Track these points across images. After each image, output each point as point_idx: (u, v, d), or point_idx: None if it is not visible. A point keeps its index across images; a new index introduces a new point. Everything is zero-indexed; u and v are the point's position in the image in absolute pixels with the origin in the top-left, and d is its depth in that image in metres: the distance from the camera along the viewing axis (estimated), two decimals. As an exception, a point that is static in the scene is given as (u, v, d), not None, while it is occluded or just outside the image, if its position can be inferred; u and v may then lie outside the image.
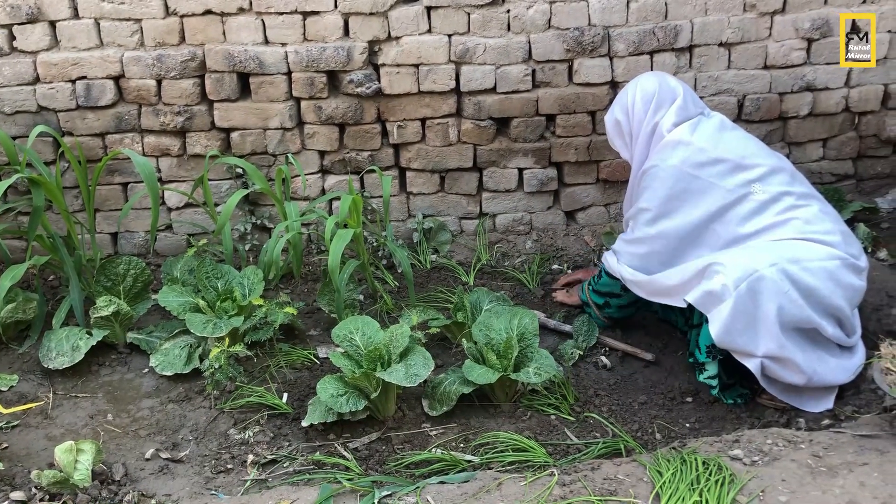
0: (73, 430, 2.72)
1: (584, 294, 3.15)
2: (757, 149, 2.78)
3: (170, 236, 3.67)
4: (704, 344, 2.64)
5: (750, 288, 2.47)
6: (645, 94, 2.86)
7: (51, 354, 2.95)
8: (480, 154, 3.60)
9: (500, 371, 2.65)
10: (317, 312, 3.33)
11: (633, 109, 2.89)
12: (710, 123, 2.80)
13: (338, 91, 3.48)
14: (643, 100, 2.86)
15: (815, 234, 2.59)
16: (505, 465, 2.44)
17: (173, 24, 3.35)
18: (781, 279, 2.47)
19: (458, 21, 3.39)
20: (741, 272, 2.48)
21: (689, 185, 2.71)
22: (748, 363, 2.55)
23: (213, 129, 3.50)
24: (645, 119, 2.85)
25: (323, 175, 3.63)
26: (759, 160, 2.71)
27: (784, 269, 2.48)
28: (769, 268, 2.47)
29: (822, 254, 2.56)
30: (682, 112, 2.81)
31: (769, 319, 2.48)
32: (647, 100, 2.85)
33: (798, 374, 2.54)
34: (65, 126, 3.45)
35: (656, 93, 2.84)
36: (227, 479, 2.48)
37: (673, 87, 2.86)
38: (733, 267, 2.50)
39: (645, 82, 2.90)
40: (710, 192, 2.69)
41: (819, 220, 2.63)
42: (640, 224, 2.81)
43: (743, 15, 3.47)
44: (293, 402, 2.81)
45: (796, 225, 2.60)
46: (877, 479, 2.11)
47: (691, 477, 2.15)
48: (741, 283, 2.47)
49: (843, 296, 2.55)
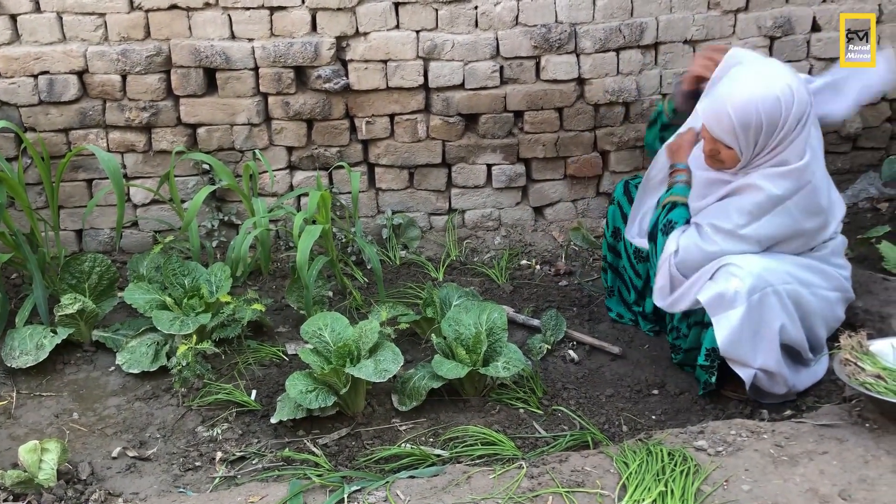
0: (38, 430, 2.69)
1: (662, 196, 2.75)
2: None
3: (136, 233, 3.64)
4: (706, 346, 2.59)
5: (761, 301, 2.44)
6: (800, 104, 2.43)
7: (14, 353, 2.91)
8: (449, 150, 3.61)
9: (469, 366, 2.66)
10: (285, 309, 3.32)
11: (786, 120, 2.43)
12: (815, 147, 2.56)
13: (305, 87, 3.47)
14: (797, 114, 2.43)
15: (832, 264, 2.63)
16: (474, 459, 2.46)
17: (138, 19, 3.32)
18: (790, 299, 2.48)
19: (425, 17, 3.39)
20: (756, 281, 2.43)
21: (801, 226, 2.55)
22: (742, 372, 2.53)
23: (180, 124, 3.48)
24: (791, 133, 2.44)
25: (291, 171, 3.62)
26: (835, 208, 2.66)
27: (795, 290, 2.49)
28: (783, 286, 2.46)
29: (831, 284, 2.59)
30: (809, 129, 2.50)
31: (772, 336, 2.48)
32: (800, 113, 2.43)
33: (783, 386, 2.58)
34: (27, 121, 3.40)
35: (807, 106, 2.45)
36: (196, 477, 2.47)
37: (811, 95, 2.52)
38: (749, 274, 2.43)
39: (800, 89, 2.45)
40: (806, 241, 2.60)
41: (839, 252, 2.67)
42: (749, 234, 2.52)
43: (707, 13, 3.52)
44: (262, 399, 2.80)
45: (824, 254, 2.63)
46: (836, 467, 2.17)
47: (657, 468, 2.18)
48: (755, 294, 2.43)
49: (831, 328, 2.64)
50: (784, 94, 2.40)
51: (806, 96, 2.45)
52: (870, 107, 3.75)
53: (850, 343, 2.39)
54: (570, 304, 3.35)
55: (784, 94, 2.40)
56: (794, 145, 2.46)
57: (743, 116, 2.41)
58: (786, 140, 2.44)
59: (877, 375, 2.29)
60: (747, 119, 2.41)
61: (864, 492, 2.07)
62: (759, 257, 2.50)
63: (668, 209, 2.67)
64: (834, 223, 2.64)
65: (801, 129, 2.44)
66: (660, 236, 2.67)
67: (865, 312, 2.88)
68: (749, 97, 2.41)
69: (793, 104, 2.40)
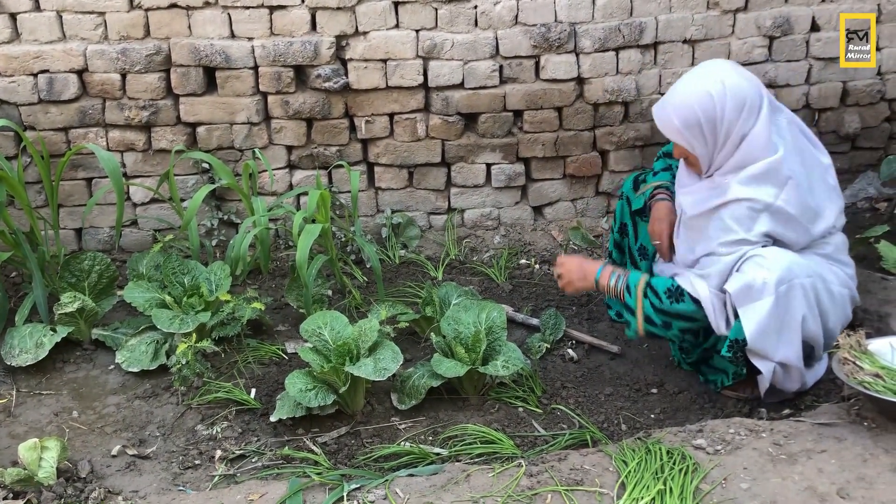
0: (38, 428, 2.69)
1: (630, 299, 2.69)
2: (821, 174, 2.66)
3: (135, 232, 3.64)
4: (731, 338, 2.53)
5: (788, 292, 2.43)
6: (736, 96, 2.46)
7: (14, 352, 2.91)
8: (449, 149, 3.62)
9: (468, 364, 2.67)
10: (285, 308, 3.32)
11: (724, 113, 2.47)
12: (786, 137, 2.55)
13: (305, 86, 3.48)
14: (735, 106, 2.47)
15: (840, 263, 2.63)
16: (473, 458, 2.46)
17: (138, 18, 3.32)
18: (812, 293, 2.48)
19: (425, 16, 3.40)
20: (784, 273, 2.42)
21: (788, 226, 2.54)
22: (763, 366, 2.51)
23: (179, 123, 3.48)
24: (737, 125, 2.47)
25: (290, 170, 3.62)
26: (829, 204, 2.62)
27: (816, 284, 2.49)
28: (807, 279, 2.46)
29: (842, 280, 2.60)
30: (769, 121, 2.51)
31: (796, 328, 2.47)
32: (738, 104, 2.46)
33: (797, 381, 2.58)
34: (27, 120, 3.40)
35: (748, 97, 2.47)
36: (195, 475, 2.47)
37: (758, 87, 2.52)
38: (776, 264, 2.42)
39: (733, 79, 2.49)
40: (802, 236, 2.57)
41: (843, 250, 2.66)
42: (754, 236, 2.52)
43: (706, 12, 3.53)
44: (261, 398, 2.80)
45: (828, 250, 2.62)
46: (834, 466, 2.17)
47: (656, 466, 2.19)
48: (782, 285, 2.42)
49: (842, 324, 2.61)
50: (714, 88, 2.46)
51: (745, 88, 2.47)
52: (868, 106, 3.76)
53: (849, 342, 2.39)
54: (569, 303, 3.35)
55: (714, 88, 2.46)
56: (752, 138, 2.47)
57: (683, 116, 2.50)
58: (734, 132, 2.47)
59: (875, 374, 2.30)
60: (687, 118, 2.49)
61: (862, 490, 2.08)
62: (782, 249, 2.50)
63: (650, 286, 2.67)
64: (827, 216, 2.59)
65: (748, 119, 2.46)
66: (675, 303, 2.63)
67: (864, 311, 2.89)
68: (684, 97, 2.51)
69: (725, 96, 2.45)
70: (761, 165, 2.47)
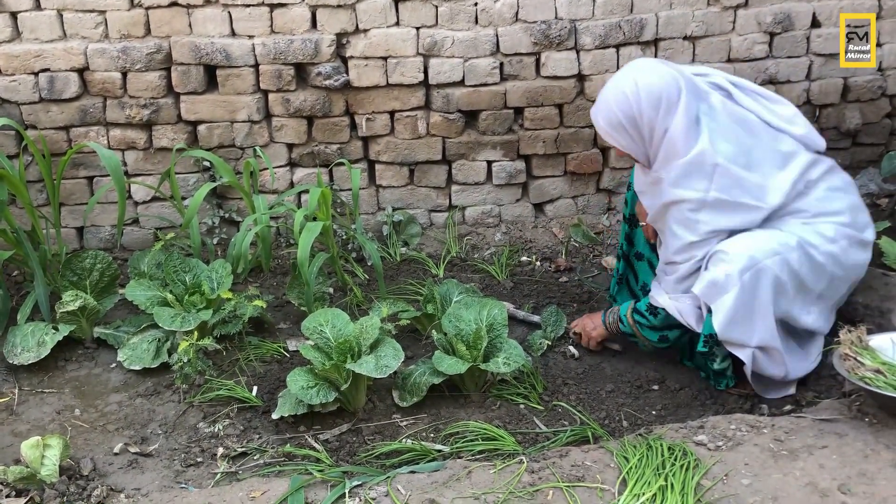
0: (40, 426, 2.69)
1: (626, 327, 2.87)
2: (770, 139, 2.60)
3: (137, 230, 3.64)
4: (704, 332, 2.62)
5: (752, 278, 2.47)
6: (650, 94, 2.50)
7: (16, 350, 2.92)
8: (449, 147, 3.62)
9: (469, 361, 2.67)
10: (286, 306, 3.32)
11: (641, 111, 2.52)
12: (719, 119, 2.55)
13: (306, 84, 3.48)
14: (651, 103, 2.50)
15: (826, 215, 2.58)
16: (475, 454, 2.47)
17: (138, 16, 3.32)
18: (781, 270, 2.49)
19: (425, 14, 3.40)
20: (745, 262, 2.46)
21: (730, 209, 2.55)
22: (741, 353, 2.56)
23: (180, 121, 3.48)
24: (657, 121, 2.51)
25: (291, 168, 3.62)
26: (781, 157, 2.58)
27: (787, 259, 2.49)
28: (772, 258, 2.47)
29: (832, 237, 2.56)
30: (688, 112, 2.50)
31: (766, 310, 2.50)
32: (654, 101, 2.50)
33: (781, 365, 2.60)
34: (28, 119, 3.41)
35: (663, 93, 2.50)
36: (197, 473, 2.48)
37: (675, 80, 2.53)
38: (737, 256, 2.47)
39: (646, 78, 2.52)
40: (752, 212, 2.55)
41: (830, 199, 2.61)
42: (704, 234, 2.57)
43: (707, 9, 3.52)
44: (263, 395, 2.80)
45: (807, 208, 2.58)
46: (835, 462, 2.17)
47: (657, 462, 2.19)
48: (745, 273, 2.46)
49: (845, 277, 2.61)
50: (629, 87, 2.52)
51: (658, 85, 2.50)
52: (869, 102, 3.75)
53: (850, 338, 2.39)
54: (571, 300, 3.35)
55: (629, 87, 2.52)
56: (672, 130, 2.49)
57: (605, 118, 2.59)
58: (657, 127, 2.51)
59: (876, 370, 2.30)
60: (609, 119, 2.57)
61: (863, 486, 2.08)
62: (745, 236, 2.53)
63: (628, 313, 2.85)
64: (779, 184, 2.54)
65: (667, 114, 2.50)
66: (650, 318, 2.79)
67: (865, 307, 2.89)
68: (604, 99, 2.59)
69: (639, 95, 2.50)
70: (683, 162, 2.50)
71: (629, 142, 2.59)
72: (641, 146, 2.60)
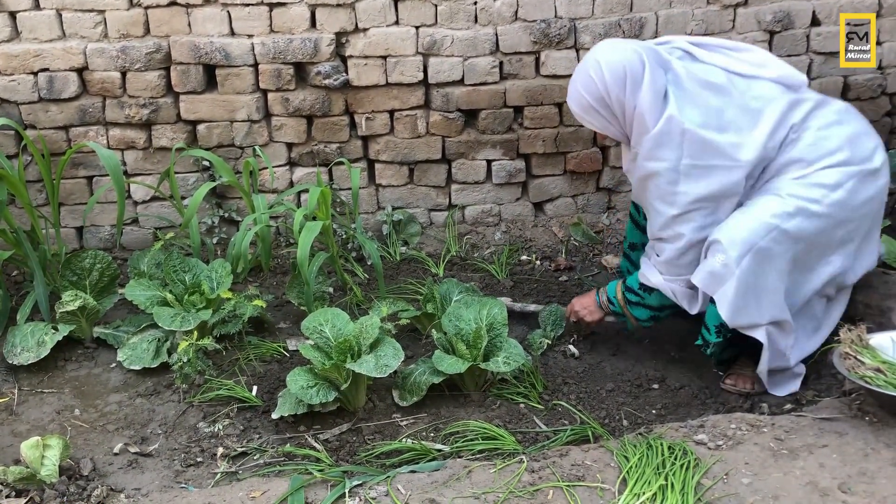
0: (40, 426, 2.69)
1: (616, 307, 2.88)
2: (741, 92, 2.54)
3: (136, 230, 3.64)
4: (713, 323, 2.62)
5: (751, 261, 2.45)
6: (614, 71, 2.50)
7: (16, 350, 2.91)
8: (449, 146, 3.61)
9: (469, 361, 2.67)
10: (286, 305, 3.32)
11: (608, 90, 2.52)
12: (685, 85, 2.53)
13: (305, 83, 3.47)
14: (615, 81, 2.50)
15: (824, 157, 2.50)
16: (475, 454, 2.46)
17: (137, 16, 3.32)
18: (780, 243, 2.46)
19: (425, 13, 3.39)
20: (740, 248, 2.45)
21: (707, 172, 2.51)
22: (756, 334, 2.55)
23: (180, 121, 3.48)
24: (626, 98, 2.51)
25: (291, 167, 3.62)
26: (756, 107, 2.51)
27: (784, 230, 2.46)
28: (767, 235, 2.45)
29: (832, 181, 2.49)
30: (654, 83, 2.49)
31: (773, 287, 2.49)
32: (618, 78, 2.50)
33: (790, 335, 2.59)
34: (27, 119, 3.40)
35: (626, 68, 2.49)
36: (197, 472, 2.48)
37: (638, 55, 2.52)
38: (731, 243, 2.46)
39: (607, 56, 2.53)
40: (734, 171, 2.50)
41: (822, 139, 2.51)
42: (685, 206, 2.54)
43: (706, 7, 3.52)
44: (263, 395, 2.80)
45: (803, 150, 2.51)
46: (835, 461, 2.17)
47: (657, 462, 2.19)
48: (743, 259, 2.45)
49: (863, 215, 2.55)
50: (592, 68, 2.54)
51: (620, 61, 2.49)
52: (869, 101, 3.75)
53: (850, 337, 2.39)
54: (571, 299, 3.34)
55: (592, 68, 2.54)
56: (640, 105, 2.48)
57: (576, 102, 2.62)
58: (627, 104, 2.52)
59: (876, 369, 2.30)
60: (580, 102, 2.60)
61: (863, 485, 2.08)
62: (737, 217, 2.51)
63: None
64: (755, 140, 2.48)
65: (634, 90, 2.49)
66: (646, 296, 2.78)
67: (865, 306, 2.88)
68: (573, 84, 2.62)
69: (603, 74, 2.51)
70: (653, 134, 2.49)
71: (604, 123, 2.61)
72: (617, 126, 2.60)
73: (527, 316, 3.20)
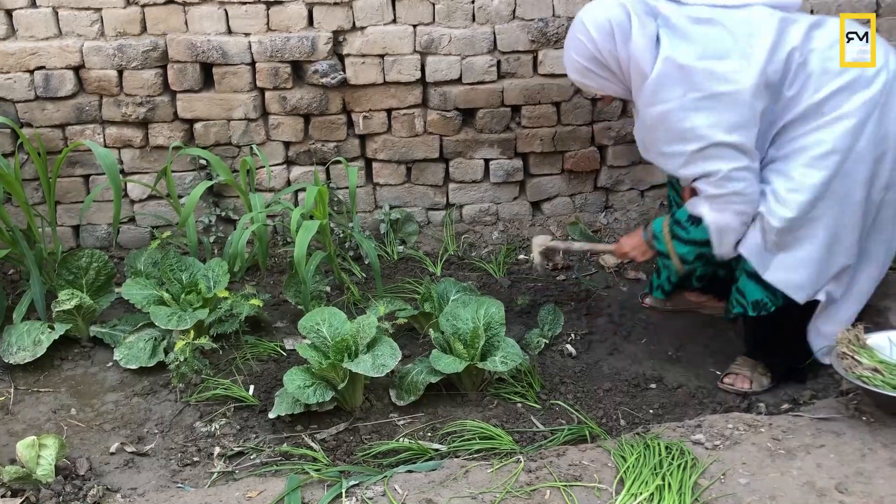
0: (36, 426, 2.68)
1: (661, 244, 2.75)
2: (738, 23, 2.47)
3: (133, 229, 3.63)
4: (751, 299, 2.60)
5: (818, 225, 2.45)
6: (600, 27, 2.51)
7: (11, 349, 2.91)
8: (447, 145, 3.61)
9: (467, 360, 2.66)
10: (283, 304, 3.32)
11: (598, 48, 2.52)
12: (676, 24, 2.48)
13: (302, 81, 3.47)
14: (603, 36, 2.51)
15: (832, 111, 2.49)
16: (472, 453, 2.46)
17: (134, 14, 3.31)
18: (838, 192, 2.44)
19: (422, 11, 3.39)
20: (799, 213, 2.43)
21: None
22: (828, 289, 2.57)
23: (176, 119, 3.47)
24: (618, 51, 2.50)
25: (288, 166, 3.61)
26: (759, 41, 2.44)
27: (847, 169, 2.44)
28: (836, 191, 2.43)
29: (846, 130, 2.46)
30: (643, 30, 2.47)
31: (847, 236, 2.49)
32: (606, 33, 2.50)
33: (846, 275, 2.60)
34: (23, 117, 3.39)
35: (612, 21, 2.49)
36: (194, 472, 2.47)
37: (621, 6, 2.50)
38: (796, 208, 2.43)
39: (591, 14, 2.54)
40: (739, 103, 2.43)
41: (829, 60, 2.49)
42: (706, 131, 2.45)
43: (704, 7, 3.51)
44: (260, 395, 2.80)
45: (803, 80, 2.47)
46: (833, 461, 2.17)
47: (654, 461, 2.19)
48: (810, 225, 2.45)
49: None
50: (579, 30, 2.57)
51: (603, 14, 2.50)
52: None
53: (848, 336, 2.39)
54: (568, 298, 3.35)
55: (579, 30, 2.57)
56: (633, 55, 2.47)
57: (573, 68, 2.63)
58: (621, 57, 2.51)
59: (874, 369, 2.30)
60: (576, 68, 2.62)
61: (860, 485, 2.08)
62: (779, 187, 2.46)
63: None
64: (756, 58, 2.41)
65: (624, 41, 2.48)
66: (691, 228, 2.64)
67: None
68: (566, 53, 2.65)
69: (589, 31, 2.53)
70: (652, 78, 2.45)
71: (603, 82, 2.61)
72: (617, 82, 2.59)
73: (527, 312, 3.21)
